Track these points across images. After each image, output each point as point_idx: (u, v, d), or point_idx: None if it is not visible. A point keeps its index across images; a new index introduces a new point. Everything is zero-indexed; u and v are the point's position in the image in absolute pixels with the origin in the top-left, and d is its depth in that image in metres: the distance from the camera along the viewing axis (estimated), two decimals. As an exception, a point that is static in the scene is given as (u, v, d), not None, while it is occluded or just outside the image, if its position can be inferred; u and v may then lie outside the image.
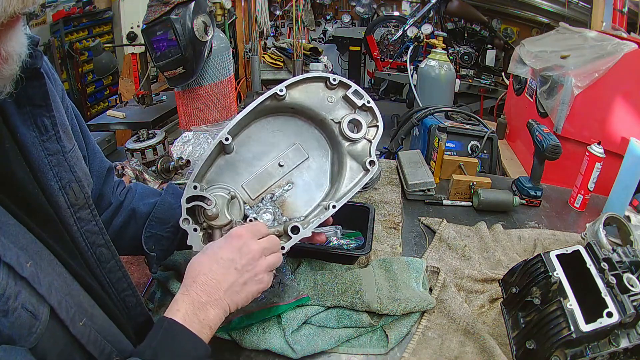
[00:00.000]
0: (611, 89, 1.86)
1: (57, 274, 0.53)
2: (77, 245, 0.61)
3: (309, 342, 0.83)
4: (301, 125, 0.88)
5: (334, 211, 0.80)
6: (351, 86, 0.84)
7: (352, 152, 0.86)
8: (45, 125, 0.58)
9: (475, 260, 1.09)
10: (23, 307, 0.44)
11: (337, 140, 0.86)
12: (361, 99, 0.85)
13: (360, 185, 0.84)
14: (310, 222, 0.80)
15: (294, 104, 0.84)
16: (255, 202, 0.85)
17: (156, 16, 1.42)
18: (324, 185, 0.88)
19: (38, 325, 0.46)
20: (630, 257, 0.77)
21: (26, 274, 0.46)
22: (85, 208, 0.62)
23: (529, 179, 1.42)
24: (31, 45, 0.55)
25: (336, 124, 0.85)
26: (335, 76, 0.84)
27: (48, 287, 0.48)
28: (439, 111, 2.16)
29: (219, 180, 0.83)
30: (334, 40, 5.78)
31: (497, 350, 0.81)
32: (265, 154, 0.86)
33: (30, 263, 0.47)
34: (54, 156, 0.59)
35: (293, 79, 0.82)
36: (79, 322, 0.52)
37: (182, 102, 1.69)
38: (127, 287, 0.69)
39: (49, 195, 0.58)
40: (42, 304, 0.47)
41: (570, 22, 3.01)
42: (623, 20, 2.67)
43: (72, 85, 3.95)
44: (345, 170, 0.85)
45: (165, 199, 0.86)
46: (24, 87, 0.55)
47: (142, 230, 0.83)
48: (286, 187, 0.86)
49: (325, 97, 0.85)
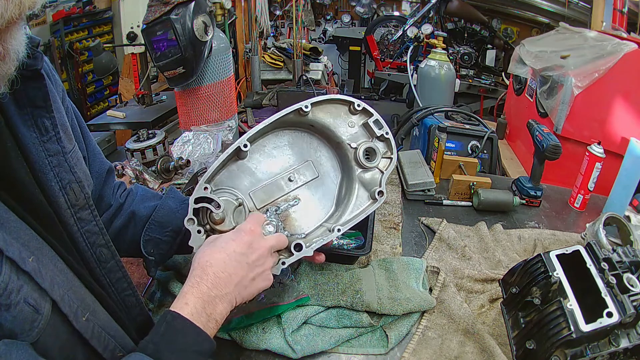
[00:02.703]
0: (611, 89, 1.86)
1: (59, 270, 0.53)
2: (77, 245, 0.61)
3: (309, 342, 0.83)
4: (317, 143, 0.88)
5: (338, 234, 0.80)
6: (373, 114, 0.84)
7: (363, 179, 0.86)
8: (45, 126, 0.58)
9: (475, 260, 1.09)
10: (25, 301, 0.44)
11: (349, 165, 0.86)
12: (381, 129, 0.84)
13: (366, 214, 0.84)
14: (313, 241, 0.79)
15: (314, 122, 0.83)
16: (259, 212, 0.84)
17: (156, 16, 1.42)
18: (329, 207, 0.87)
19: (40, 320, 0.46)
20: (630, 257, 0.77)
21: (28, 269, 0.46)
22: (86, 208, 0.63)
23: (529, 179, 1.42)
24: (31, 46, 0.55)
25: (352, 149, 0.85)
26: (360, 102, 0.83)
27: (50, 281, 0.48)
28: (439, 111, 2.16)
29: (228, 183, 0.82)
30: (334, 40, 5.78)
31: (497, 350, 0.81)
32: (277, 166, 0.85)
33: (32, 258, 0.47)
34: (55, 157, 0.59)
35: (319, 98, 0.82)
36: (82, 317, 0.52)
37: (182, 102, 1.69)
38: (127, 287, 0.69)
39: (50, 196, 0.58)
40: (44, 299, 0.47)
41: (570, 22, 3.01)
42: (623, 20, 2.67)
43: (72, 85, 3.95)
44: (353, 196, 0.85)
45: (166, 202, 0.86)
46: (25, 88, 0.55)
47: (141, 234, 0.83)
48: (292, 202, 0.85)
49: (347, 121, 0.85)
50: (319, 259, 0.85)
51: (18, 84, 0.51)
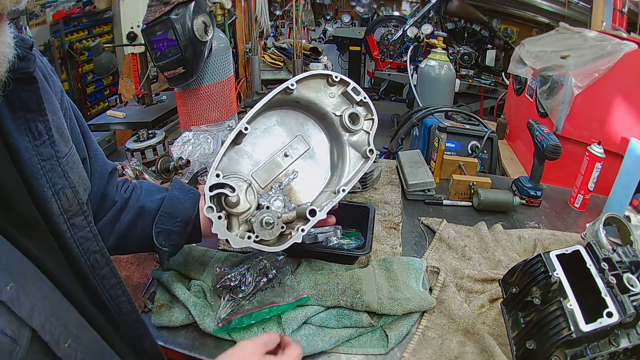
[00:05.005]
0: (611, 89, 1.86)
1: (43, 295, 0.50)
2: (70, 252, 0.59)
3: (309, 342, 0.83)
4: (303, 118, 0.95)
5: (344, 194, 0.86)
6: (350, 83, 0.91)
7: (352, 142, 0.93)
8: (38, 130, 0.57)
9: (475, 260, 1.09)
10: (2, 332, 0.42)
11: (337, 132, 0.93)
12: (358, 95, 0.92)
13: (362, 172, 0.91)
14: (322, 205, 0.85)
15: (300, 98, 0.91)
16: (265, 191, 0.90)
17: (156, 16, 1.42)
18: (326, 174, 0.95)
19: (18, 350, 0.43)
20: (630, 257, 0.77)
21: (4, 298, 0.43)
22: (79, 214, 0.60)
23: (529, 179, 1.42)
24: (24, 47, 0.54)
25: (337, 117, 0.92)
26: (337, 74, 0.91)
27: (30, 309, 0.46)
28: (439, 111, 2.16)
29: (230, 169, 0.87)
30: (334, 40, 5.77)
31: (497, 350, 0.81)
32: (272, 145, 0.92)
33: (10, 285, 0.44)
34: (48, 161, 0.58)
35: (302, 75, 0.89)
36: (65, 343, 0.50)
37: (182, 102, 1.69)
38: (121, 293, 0.66)
39: (42, 202, 0.56)
40: (23, 328, 0.45)
41: (570, 22, 3.01)
42: (623, 20, 2.67)
43: (72, 85, 3.94)
44: (346, 159, 0.93)
45: (173, 193, 0.87)
46: (18, 92, 0.53)
47: (152, 227, 0.84)
48: (292, 176, 0.92)
49: (327, 92, 0.92)
50: (330, 221, 0.91)
51: (10, 85, 0.50)
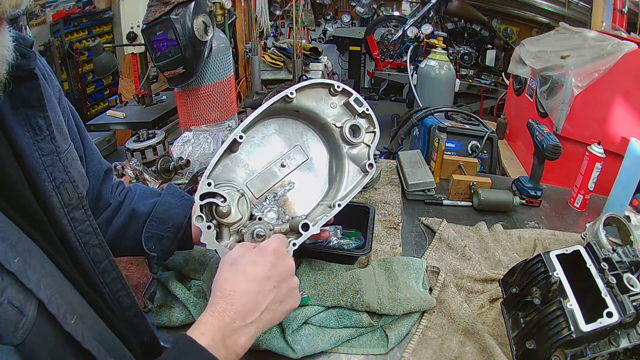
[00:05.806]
0: (611, 89, 1.86)
1: (47, 273, 0.52)
2: (70, 245, 0.61)
3: (309, 342, 0.83)
4: (302, 128, 0.92)
5: (339, 209, 0.83)
6: (353, 94, 0.88)
7: (351, 155, 0.90)
8: (39, 126, 0.58)
9: (475, 260, 1.09)
10: (9, 302, 0.43)
11: (337, 144, 0.90)
12: (361, 106, 0.89)
13: (360, 187, 0.88)
14: (316, 219, 0.82)
15: (299, 107, 0.87)
16: (259, 201, 0.86)
17: (156, 16, 1.42)
18: (323, 186, 0.91)
19: (25, 321, 0.45)
20: (630, 257, 0.77)
21: (14, 269, 0.45)
22: (79, 208, 0.62)
23: (529, 179, 1.42)
24: (25, 46, 0.55)
25: (337, 128, 0.89)
26: (339, 83, 0.87)
27: (37, 282, 0.47)
28: (439, 111, 2.16)
29: (224, 177, 0.84)
30: (334, 40, 5.78)
31: (497, 350, 0.81)
32: (269, 153, 0.89)
33: (18, 259, 0.46)
34: (48, 156, 0.59)
35: (302, 84, 0.85)
36: (71, 319, 0.51)
37: (182, 102, 1.69)
38: (121, 287, 0.68)
39: (43, 196, 0.58)
40: (30, 300, 0.46)
41: (570, 22, 3.01)
42: (623, 20, 2.67)
43: (72, 85, 3.94)
44: (345, 172, 0.89)
45: (165, 198, 0.86)
46: (19, 89, 0.54)
47: (142, 231, 0.83)
48: (287, 187, 0.88)
49: (329, 102, 0.89)
50: (324, 235, 0.89)
51: (10, 85, 0.51)
